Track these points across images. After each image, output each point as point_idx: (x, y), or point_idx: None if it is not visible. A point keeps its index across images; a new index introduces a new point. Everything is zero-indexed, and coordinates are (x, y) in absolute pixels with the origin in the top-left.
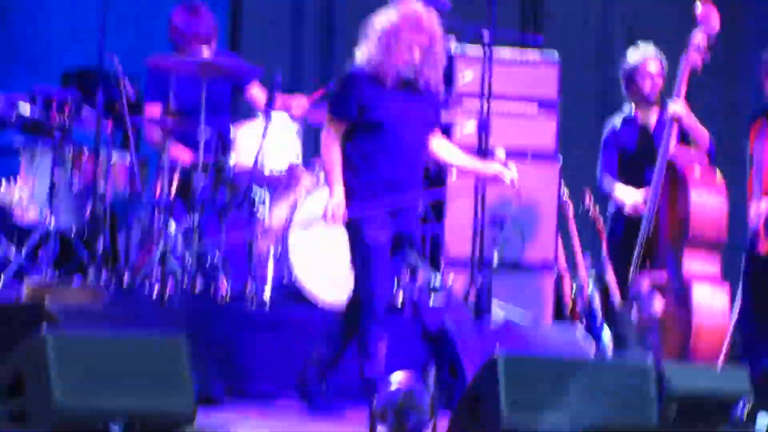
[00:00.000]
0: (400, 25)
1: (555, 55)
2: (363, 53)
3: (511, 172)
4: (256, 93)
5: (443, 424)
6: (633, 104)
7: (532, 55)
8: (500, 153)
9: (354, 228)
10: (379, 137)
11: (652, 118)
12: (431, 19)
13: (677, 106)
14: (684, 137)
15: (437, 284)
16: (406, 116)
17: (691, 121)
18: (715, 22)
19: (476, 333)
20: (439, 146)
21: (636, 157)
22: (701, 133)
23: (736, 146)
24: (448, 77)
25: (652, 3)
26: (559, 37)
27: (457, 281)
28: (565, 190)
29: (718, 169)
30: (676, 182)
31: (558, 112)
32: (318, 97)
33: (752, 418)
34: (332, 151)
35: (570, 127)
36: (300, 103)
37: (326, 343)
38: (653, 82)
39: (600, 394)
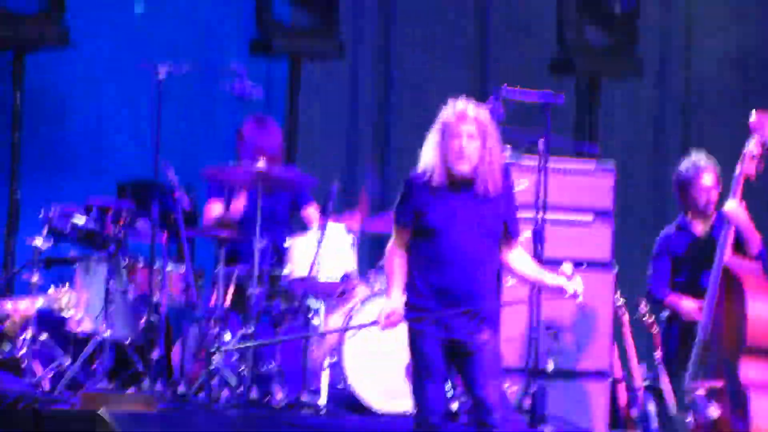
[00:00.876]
0: (448, 118)
1: (610, 164)
2: (421, 156)
3: (575, 286)
4: (312, 212)
5: None
6: (687, 213)
7: (587, 164)
8: (567, 268)
9: (409, 336)
10: (434, 243)
11: (706, 226)
12: (480, 112)
13: (733, 205)
14: (738, 246)
15: None
16: (462, 221)
17: (746, 222)
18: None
19: None
20: (514, 257)
21: (689, 265)
22: (754, 235)
23: None
24: None
25: (706, 111)
26: (613, 146)
27: (511, 389)
28: (620, 298)
29: None
30: (731, 290)
31: (613, 220)
32: (367, 208)
33: None
34: (393, 258)
35: (624, 235)
36: (354, 218)
37: None
38: (708, 195)
39: None
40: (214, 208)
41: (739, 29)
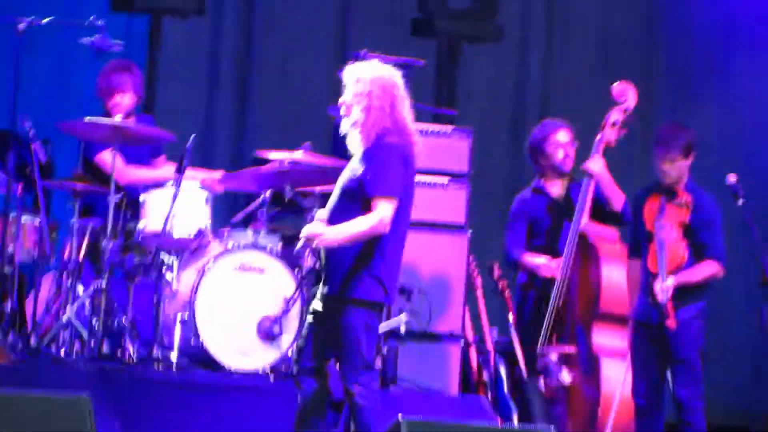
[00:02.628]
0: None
1: (467, 128)
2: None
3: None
4: (167, 167)
5: None
6: (542, 177)
7: (444, 128)
8: (320, 213)
9: None
10: None
11: (562, 189)
12: (352, 70)
13: (595, 164)
14: (596, 210)
15: None
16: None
17: (609, 181)
18: (632, 99)
19: (383, 401)
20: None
21: (546, 228)
22: (617, 193)
23: None
24: None
25: (567, 80)
26: (472, 113)
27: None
28: (473, 262)
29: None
30: (587, 255)
31: (469, 185)
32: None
33: None
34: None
35: (481, 200)
36: (211, 176)
37: None
38: (565, 150)
39: None
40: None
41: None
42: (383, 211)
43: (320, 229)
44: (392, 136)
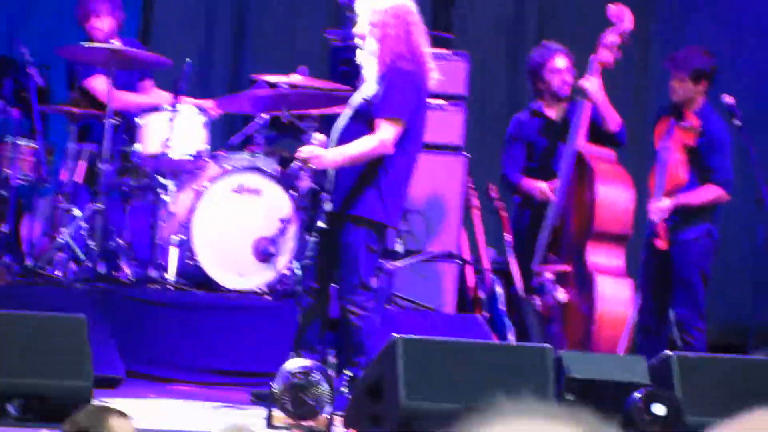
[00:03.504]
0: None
1: (465, 52)
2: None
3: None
4: (148, 88)
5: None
6: (540, 99)
7: (442, 51)
8: (317, 135)
9: None
10: None
11: (560, 111)
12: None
13: (590, 83)
14: (593, 133)
15: None
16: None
17: (604, 100)
18: (628, 21)
19: (379, 319)
20: None
21: (542, 149)
22: (612, 114)
23: (645, 143)
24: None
25: (564, 2)
26: (470, 37)
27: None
28: (470, 184)
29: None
30: (583, 175)
31: (466, 108)
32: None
33: (647, 406)
34: None
35: (480, 122)
36: (207, 105)
37: None
38: (562, 77)
39: (498, 376)
40: (101, 81)
41: None
42: (384, 132)
43: (318, 151)
44: (405, 61)
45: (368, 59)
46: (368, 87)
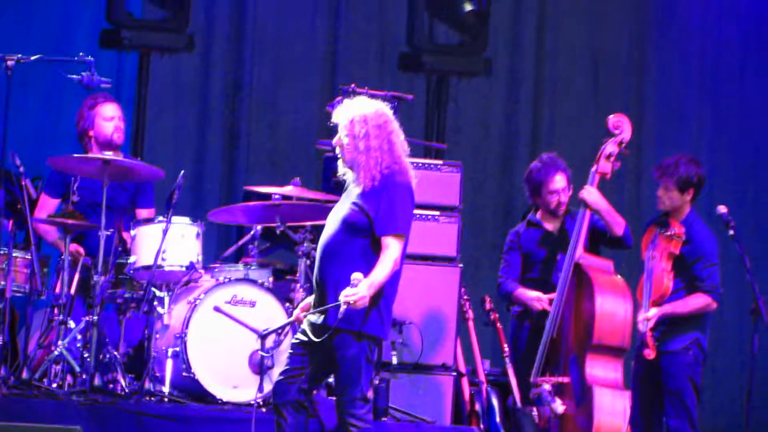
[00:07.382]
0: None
1: (458, 162)
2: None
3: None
4: (145, 215)
5: None
6: (538, 211)
7: (434, 162)
8: (356, 275)
9: None
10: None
11: (557, 223)
12: (346, 109)
13: (590, 193)
14: (594, 240)
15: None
16: (331, 216)
17: (605, 207)
18: (627, 131)
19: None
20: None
21: (540, 260)
22: (616, 218)
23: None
24: None
25: (556, 112)
26: (463, 145)
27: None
28: (464, 295)
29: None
30: (581, 286)
31: (459, 218)
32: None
33: None
34: None
35: (472, 233)
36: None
37: None
38: (559, 197)
39: None
40: (49, 204)
41: (590, 30)
42: (395, 251)
43: (361, 291)
44: (397, 174)
45: (353, 170)
46: (355, 197)
